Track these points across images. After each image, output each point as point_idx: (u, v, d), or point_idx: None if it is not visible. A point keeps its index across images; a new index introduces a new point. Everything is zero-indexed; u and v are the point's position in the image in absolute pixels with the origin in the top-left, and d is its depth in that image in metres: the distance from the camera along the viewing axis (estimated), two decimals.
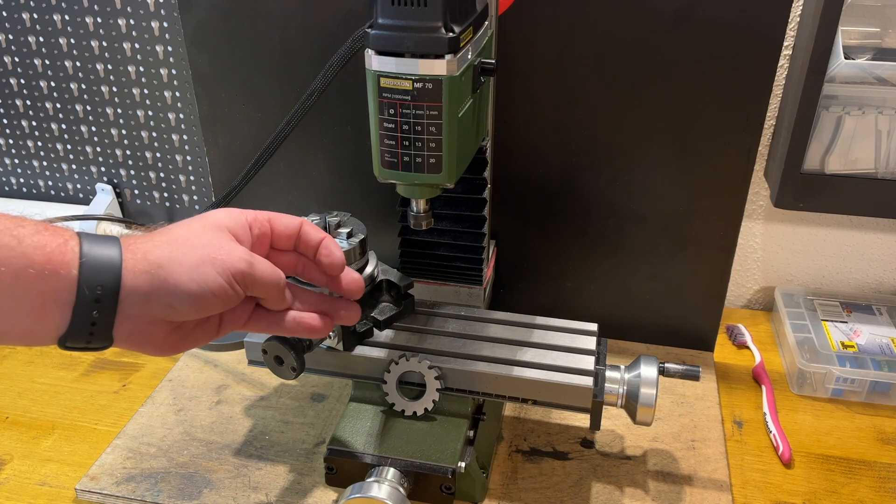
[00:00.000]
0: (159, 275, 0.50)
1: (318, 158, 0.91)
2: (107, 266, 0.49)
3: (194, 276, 0.51)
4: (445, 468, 0.68)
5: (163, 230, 0.54)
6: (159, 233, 0.54)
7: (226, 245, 0.54)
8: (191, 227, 0.54)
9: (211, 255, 0.52)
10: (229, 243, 0.54)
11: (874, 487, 0.77)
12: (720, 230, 0.87)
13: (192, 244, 0.53)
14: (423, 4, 0.55)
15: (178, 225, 0.55)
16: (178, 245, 0.52)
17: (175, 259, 0.51)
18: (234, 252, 0.54)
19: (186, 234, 0.53)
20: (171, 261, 0.51)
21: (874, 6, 0.83)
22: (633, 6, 0.77)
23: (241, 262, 0.53)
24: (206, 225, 0.55)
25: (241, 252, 0.54)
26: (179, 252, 0.52)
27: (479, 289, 0.82)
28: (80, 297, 0.48)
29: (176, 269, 0.51)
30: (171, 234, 0.53)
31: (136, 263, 0.50)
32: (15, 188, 1.26)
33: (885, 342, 0.93)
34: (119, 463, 0.78)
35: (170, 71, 1.09)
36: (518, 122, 0.84)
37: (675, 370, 0.73)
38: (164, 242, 0.52)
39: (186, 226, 0.55)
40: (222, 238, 0.54)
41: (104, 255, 0.49)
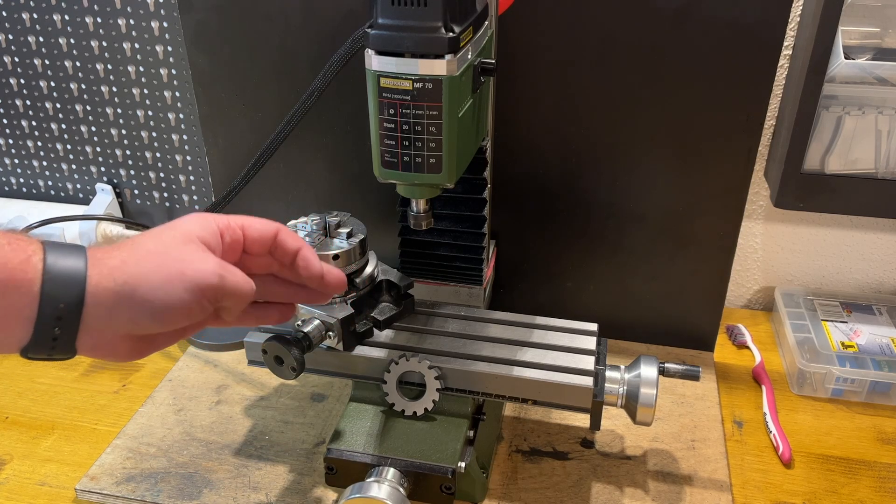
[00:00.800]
0: (125, 292, 0.50)
1: (318, 158, 0.91)
2: (71, 283, 0.48)
3: (161, 294, 0.50)
4: (445, 468, 0.68)
5: (132, 241, 0.53)
6: (129, 244, 0.52)
7: (196, 258, 0.52)
8: (161, 238, 0.53)
9: (180, 270, 0.51)
10: (200, 256, 0.53)
11: (874, 487, 0.77)
12: (720, 230, 0.87)
13: (161, 259, 0.51)
14: (423, 4, 0.55)
15: (148, 235, 0.54)
16: (146, 260, 0.51)
17: (143, 276, 0.50)
18: (205, 266, 0.52)
19: (156, 248, 0.52)
20: (139, 277, 0.50)
21: (874, 6, 0.83)
22: (633, 6, 0.77)
23: (211, 277, 0.52)
24: (176, 236, 0.54)
25: (212, 266, 0.53)
26: (148, 268, 0.51)
27: (479, 289, 0.82)
28: (41, 314, 0.48)
29: (143, 286, 0.50)
30: (140, 248, 0.52)
31: (102, 280, 0.49)
32: (15, 188, 1.26)
33: (885, 342, 0.93)
34: (119, 463, 0.78)
35: (170, 71, 1.09)
36: (518, 122, 0.84)
37: (675, 370, 0.73)
38: (132, 257, 0.51)
39: (156, 237, 0.53)
40: (192, 250, 0.53)
41: (68, 272, 0.48)
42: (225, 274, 0.53)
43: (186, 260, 0.52)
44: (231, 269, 0.54)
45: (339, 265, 0.69)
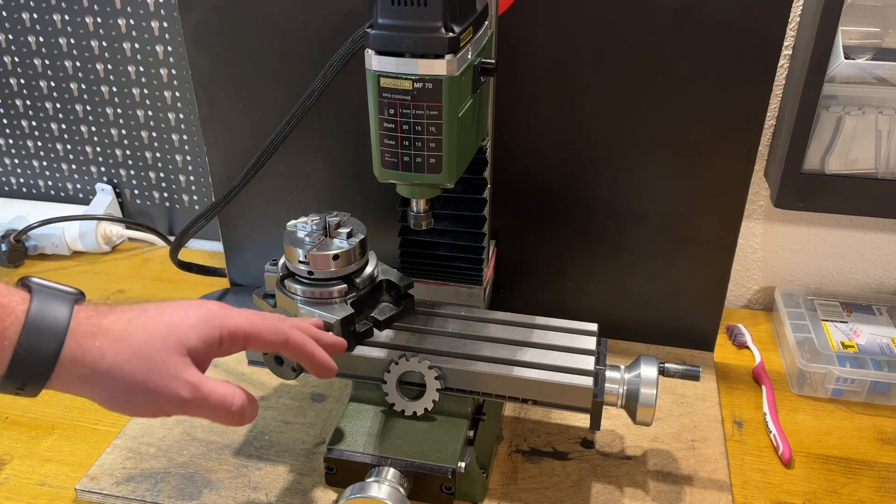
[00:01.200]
0: (89, 382, 0.51)
1: (318, 158, 0.91)
2: (39, 366, 0.49)
3: (122, 401, 0.52)
4: (445, 468, 0.68)
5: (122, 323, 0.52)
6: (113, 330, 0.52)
7: (171, 375, 0.52)
8: (150, 336, 0.52)
9: (149, 385, 0.52)
10: (179, 372, 0.52)
11: (874, 487, 0.77)
12: (720, 230, 0.87)
13: (135, 364, 0.51)
14: (423, 4, 0.55)
15: (139, 324, 0.53)
16: (122, 358, 0.51)
17: (112, 376, 0.51)
18: (173, 392, 0.52)
19: (139, 347, 0.52)
20: (108, 376, 0.51)
21: (874, 6, 0.83)
22: (633, 6, 0.77)
23: (175, 408, 0.53)
24: (167, 340, 0.53)
25: (187, 390, 0.53)
26: (119, 367, 0.51)
27: (479, 289, 0.82)
28: (4, 383, 0.50)
29: (108, 386, 0.51)
30: (122, 343, 0.51)
31: (73, 367, 0.50)
32: (15, 188, 1.26)
33: (885, 342, 0.93)
34: (119, 463, 0.78)
35: (170, 71, 1.09)
36: (518, 122, 0.84)
37: (675, 370, 0.73)
38: (110, 346, 0.51)
39: (146, 331, 0.52)
40: (174, 363, 0.53)
41: (40, 354, 0.49)
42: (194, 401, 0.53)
43: (161, 374, 0.52)
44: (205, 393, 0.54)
45: (339, 265, 0.69)
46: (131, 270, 1.16)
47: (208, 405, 0.54)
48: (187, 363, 0.53)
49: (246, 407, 0.56)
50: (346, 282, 0.70)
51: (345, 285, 0.70)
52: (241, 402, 0.56)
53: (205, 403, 0.54)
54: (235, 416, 0.56)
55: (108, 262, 1.18)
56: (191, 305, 0.56)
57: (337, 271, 0.69)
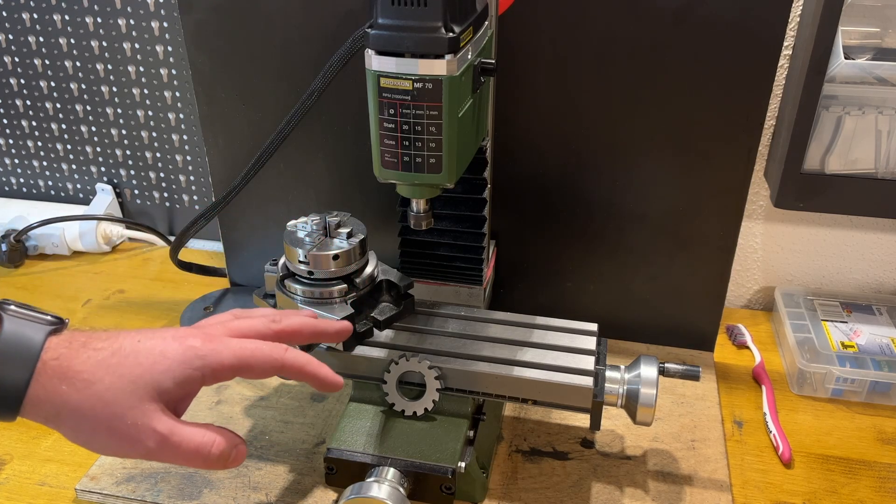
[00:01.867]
0: (54, 421, 0.51)
1: (318, 158, 0.91)
2: (4, 405, 0.49)
3: (86, 442, 0.52)
4: (445, 468, 0.68)
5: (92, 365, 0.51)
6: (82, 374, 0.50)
7: (138, 425, 0.50)
8: (119, 380, 0.50)
9: (112, 429, 0.50)
10: (145, 422, 0.51)
11: (874, 487, 0.77)
12: (720, 230, 0.87)
13: (101, 410, 0.50)
14: (423, 4, 0.55)
15: (109, 366, 0.51)
16: (88, 404, 0.50)
17: (75, 419, 0.50)
18: (137, 440, 0.51)
19: (105, 392, 0.50)
20: (72, 419, 0.50)
21: (874, 6, 0.83)
22: (633, 6, 0.77)
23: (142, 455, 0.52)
24: (137, 385, 0.51)
25: (154, 441, 0.51)
26: (84, 413, 0.50)
27: (479, 289, 0.82)
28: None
29: (72, 427, 0.51)
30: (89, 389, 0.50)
31: (38, 406, 0.50)
32: (15, 188, 1.27)
33: (885, 342, 0.93)
34: (119, 463, 0.78)
35: (170, 71, 1.09)
36: (518, 122, 0.84)
37: (675, 370, 0.73)
38: (77, 393, 0.50)
39: (117, 374, 0.51)
40: (142, 412, 0.51)
41: (4, 393, 0.49)
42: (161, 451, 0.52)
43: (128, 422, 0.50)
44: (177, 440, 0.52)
45: (339, 265, 0.69)
46: (131, 270, 1.16)
47: (180, 454, 0.52)
48: (156, 409, 0.51)
49: (228, 453, 0.54)
50: (346, 282, 0.70)
51: (345, 285, 0.70)
52: (219, 450, 0.53)
53: (176, 452, 0.52)
54: (216, 463, 0.53)
55: (108, 262, 1.18)
56: (171, 342, 0.53)
57: (337, 271, 0.69)
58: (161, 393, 0.52)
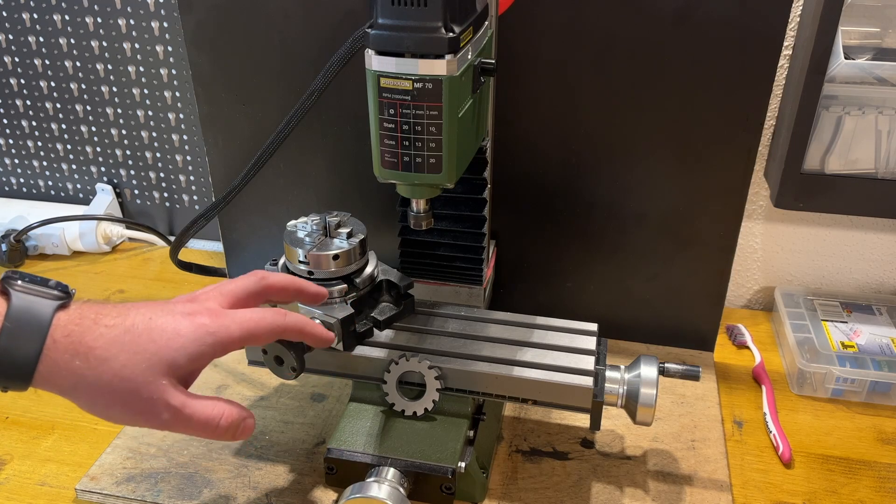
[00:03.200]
0: (69, 393, 0.52)
1: (318, 158, 0.91)
2: (16, 376, 0.50)
3: (102, 414, 0.53)
4: (445, 468, 0.68)
5: (105, 342, 0.52)
6: (95, 350, 0.51)
7: (153, 399, 0.52)
8: (134, 356, 0.52)
9: (129, 406, 0.52)
10: (160, 396, 0.52)
11: (874, 487, 0.77)
12: (720, 230, 0.87)
13: (117, 385, 0.52)
14: (423, 4, 0.55)
15: (123, 343, 0.52)
16: (103, 380, 0.51)
17: (91, 393, 0.52)
18: (153, 414, 0.53)
19: (121, 369, 0.51)
20: (87, 392, 0.52)
21: (874, 6, 0.83)
22: (633, 6, 0.77)
23: (156, 427, 0.54)
24: (152, 362, 0.52)
25: (168, 414, 0.53)
26: (99, 387, 0.51)
27: (479, 289, 0.82)
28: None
29: (88, 400, 0.52)
30: (103, 365, 0.51)
31: (52, 379, 0.51)
32: (15, 188, 1.27)
33: (885, 342, 0.93)
34: (119, 463, 0.78)
35: (170, 71, 1.09)
36: (518, 122, 0.84)
37: (675, 370, 0.73)
38: (91, 370, 0.51)
39: (131, 351, 0.52)
40: (157, 387, 0.52)
41: (17, 366, 0.50)
42: (175, 422, 0.54)
43: (143, 397, 0.52)
44: (189, 414, 0.54)
45: (339, 265, 0.69)
46: (131, 270, 1.16)
47: (192, 426, 0.54)
48: (170, 384, 0.53)
49: (237, 424, 0.56)
50: (346, 282, 0.70)
51: (345, 285, 0.70)
52: (228, 422, 0.56)
53: (188, 424, 0.54)
54: (225, 435, 0.56)
55: (108, 262, 1.18)
56: (182, 320, 0.55)
57: (337, 271, 0.69)
58: (174, 369, 0.53)
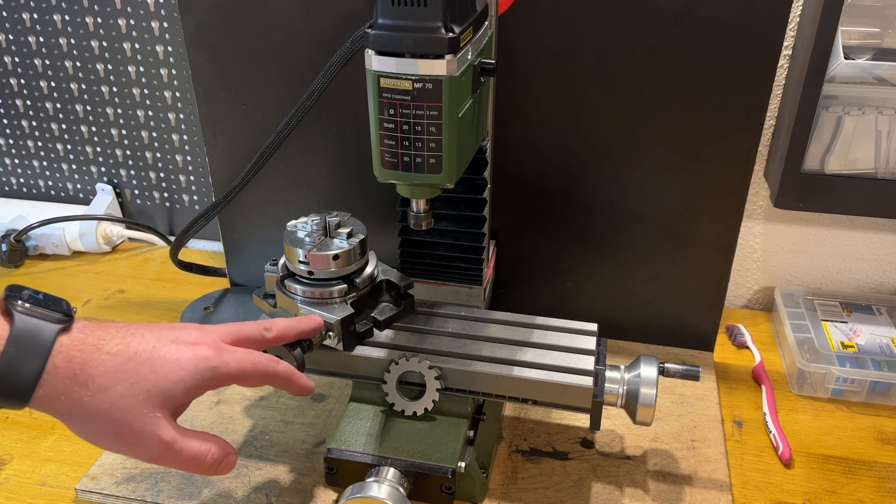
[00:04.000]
0: (63, 418, 0.53)
1: (318, 158, 0.91)
2: (12, 398, 0.50)
3: (93, 440, 0.54)
4: (445, 468, 0.68)
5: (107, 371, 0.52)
6: (95, 378, 0.52)
7: (146, 433, 0.53)
8: (132, 387, 0.52)
9: (120, 437, 0.53)
10: (153, 430, 0.53)
11: (874, 487, 0.77)
12: (720, 230, 0.87)
13: (112, 415, 0.52)
14: (423, 4, 0.55)
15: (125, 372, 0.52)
16: (98, 410, 0.52)
17: (85, 420, 0.52)
18: (148, 445, 0.54)
19: (117, 400, 0.52)
20: (81, 419, 0.52)
21: (874, 6, 0.83)
22: (633, 6, 0.77)
23: (142, 457, 0.55)
24: (149, 395, 0.53)
25: (158, 448, 0.54)
26: (94, 416, 0.52)
27: (479, 289, 0.82)
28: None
29: (80, 426, 0.53)
30: (100, 395, 0.52)
31: (48, 404, 0.51)
32: (15, 188, 1.27)
33: (885, 342, 0.93)
34: (119, 463, 0.78)
35: (170, 71, 1.09)
36: (518, 122, 0.84)
37: (675, 370, 0.73)
38: (89, 398, 0.51)
39: (131, 382, 0.52)
40: (150, 421, 0.53)
41: (14, 389, 0.50)
42: (163, 457, 0.55)
43: (135, 431, 0.53)
44: (178, 449, 0.55)
45: (339, 265, 0.69)
46: (131, 270, 1.16)
47: (179, 461, 0.56)
48: (163, 418, 0.54)
49: (220, 461, 0.57)
50: (346, 282, 0.70)
51: (345, 285, 0.70)
52: (213, 459, 0.57)
53: (175, 459, 0.55)
54: (208, 470, 0.57)
55: (109, 262, 1.18)
56: (185, 350, 0.55)
57: (337, 271, 0.69)
58: (170, 401, 0.55)
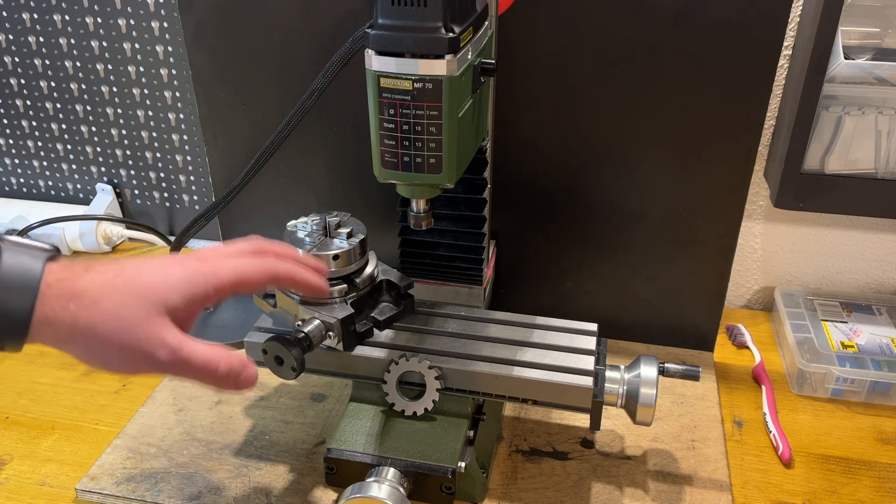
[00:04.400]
0: (66, 342, 0.51)
1: (318, 158, 0.91)
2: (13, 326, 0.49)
3: (99, 360, 0.52)
4: (445, 468, 0.68)
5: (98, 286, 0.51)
6: (88, 292, 0.51)
7: (150, 338, 0.51)
8: (127, 297, 0.51)
9: (125, 345, 0.51)
10: (156, 334, 0.51)
11: (874, 487, 0.77)
12: (720, 230, 0.87)
13: (112, 325, 0.50)
14: (423, 4, 0.55)
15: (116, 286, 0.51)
16: (97, 321, 0.50)
17: (86, 337, 0.50)
18: (150, 353, 0.51)
19: (114, 309, 0.51)
20: (82, 337, 0.50)
21: (874, 6, 0.83)
22: (633, 6, 0.77)
23: (155, 369, 0.52)
24: (145, 301, 0.51)
25: (165, 353, 0.51)
26: (95, 330, 0.50)
27: (479, 289, 0.82)
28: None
29: (84, 346, 0.51)
30: (97, 306, 0.50)
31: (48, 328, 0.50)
32: (15, 188, 1.26)
33: (884, 342, 0.93)
34: (119, 463, 0.78)
35: (170, 71, 1.09)
36: (518, 122, 0.84)
37: (675, 370, 0.73)
38: (85, 310, 0.50)
39: (123, 292, 0.51)
40: (152, 326, 0.51)
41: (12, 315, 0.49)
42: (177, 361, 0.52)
43: (139, 336, 0.51)
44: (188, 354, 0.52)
45: (339, 265, 0.69)
46: None
47: (190, 367, 0.53)
48: (166, 324, 0.52)
49: (237, 372, 0.54)
50: (346, 282, 0.70)
51: (345, 285, 0.70)
52: (227, 367, 0.54)
53: (186, 365, 0.53)
54: (225, 381, 0.54)
55: None
56: (172, 264, 0.54)
57: (337, 271, 0.69)
58: (169, 309, 0.52)
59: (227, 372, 0.54)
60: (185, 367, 0.53)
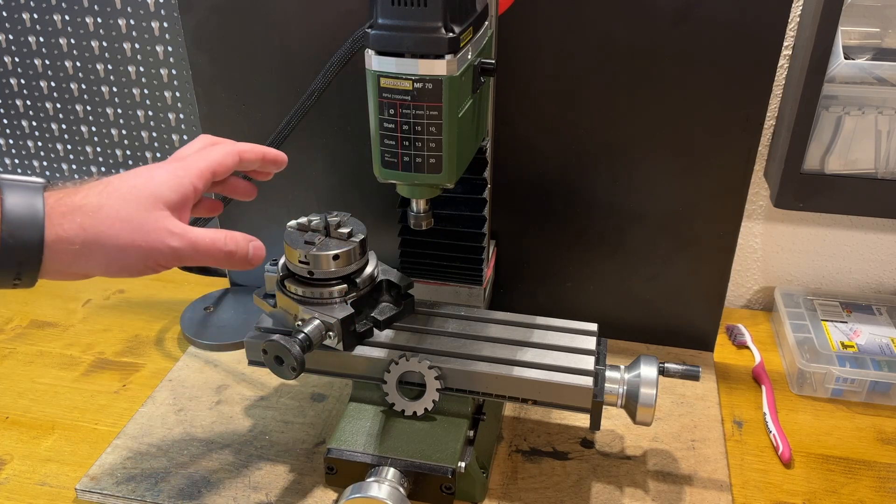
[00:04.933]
0: (82, 255, 0.53)
1: (318, 158, 0.91)
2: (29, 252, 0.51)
3: (118, 264, 0.54)
4: (445, 468, 0.68)
5: (97, 198, 0.54)
6: (92, 201, 0.53)
7: (156, 229, 0.54)
8: (124, 200, 0.54)
9: (136, 241, 0.54)
10: (162, 226, 0.55)
11: (874, 487, 0.77)
12: (720, 230, 0.87)
13: (119, 227, 0.53)
14: (423, 4, 0.55)
15: (110, 193, 0.54)
16: (105, 225, 0.53)
17: (100, 244, 0.53)
18: (163, 243, 0.55)
19: (116, 212, 0.53)
20: (96, 245, 0.53)
21: (874, 6, 0.83)
22: (632, 6, 0.77)
23: (170, 259, 0.55)
24: (140, 199, 0.55)
25: (176, 240, 0.55)
26: (105, 234, 0.53)
27: (479, 289, 0.82)
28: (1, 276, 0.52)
29: (101, 254, 0.53)
30: (100, 213, 0.53)
31: (61, 245, 0.52)
32: None
33: (884, 342, 0.93)
34: (119, 463, 0.78)
35: (170, 71, 1.09)
36: (518, 122, 0.84)
37: (675, 370, 0.73)
38: (90, 219, 0.53)
39: (119, 196, 0.54)
40: (155, 219, 0.55)
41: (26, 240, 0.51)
42: (185, 246, 0.55)
43: (145, 230, 0.54)
44: (193, 238, 0.56)
45: (339, 265, 0.69)
46: None
47: (200, 250, 0.56)
48: (166, 215, 0.55)
49: (242, 247, 0.59)
50: (346, 282, 0.70)
51: (345, 285, 0.70)
52: (233, 245, 0.58)
53: (196, 249, 0.56)
54: (235, 258, 0.58)
55: None
56: (153, 168, 0.58)
57: (337, 271, 0.69)
58: (165, 201, 0.56)
59: (235, 248, 0.58)
60: (195, 250, 0.56)
